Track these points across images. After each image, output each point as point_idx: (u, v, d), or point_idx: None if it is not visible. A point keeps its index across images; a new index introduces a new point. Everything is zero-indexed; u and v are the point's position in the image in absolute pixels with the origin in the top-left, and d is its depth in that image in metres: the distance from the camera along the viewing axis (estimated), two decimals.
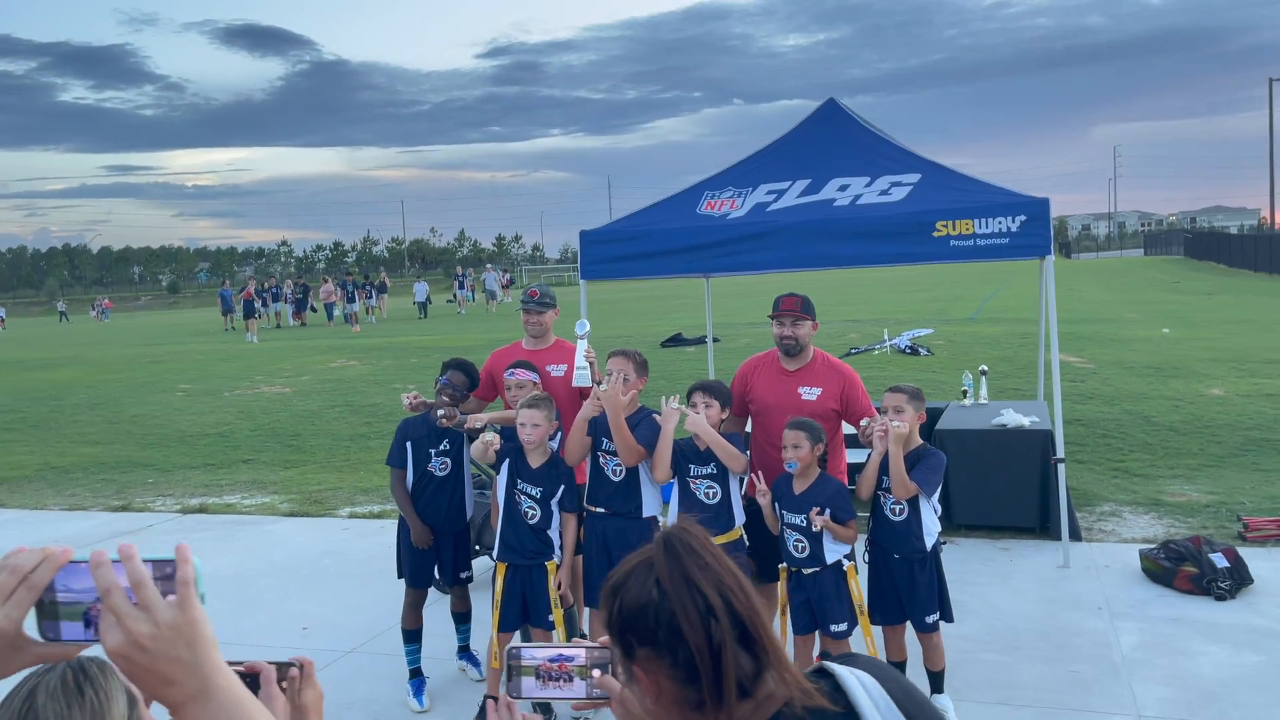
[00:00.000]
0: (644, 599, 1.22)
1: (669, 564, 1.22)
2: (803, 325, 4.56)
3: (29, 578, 0.95)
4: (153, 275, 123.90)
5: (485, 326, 25.68)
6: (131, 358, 21.66)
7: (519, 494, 4.41)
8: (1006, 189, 6.35)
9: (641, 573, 1.25)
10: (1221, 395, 11.22)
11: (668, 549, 1.24)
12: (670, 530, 1.27)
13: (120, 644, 0.89)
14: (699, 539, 1.25)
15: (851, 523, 4.10)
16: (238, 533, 8.04)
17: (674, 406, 4.26)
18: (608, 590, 1.28)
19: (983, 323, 19.71)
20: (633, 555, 1.29)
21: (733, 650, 1.18)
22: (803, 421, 4.12)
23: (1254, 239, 46.42)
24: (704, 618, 1.18)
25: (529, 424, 4.33)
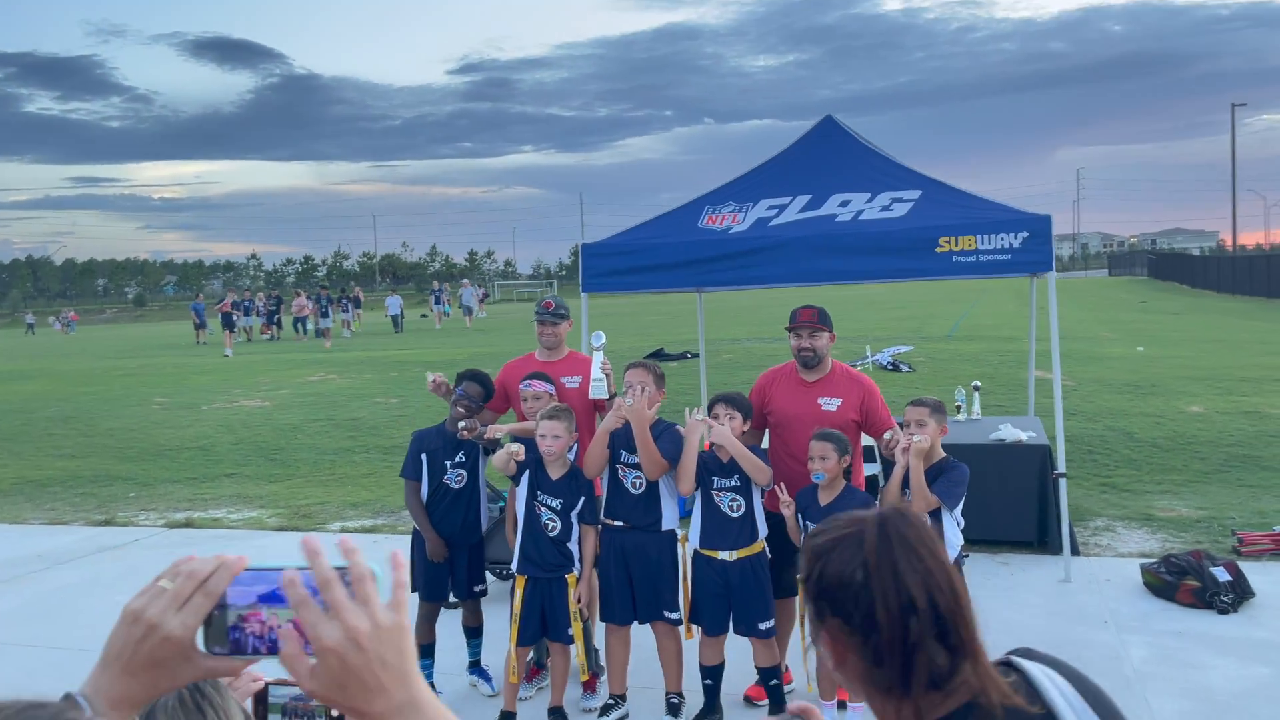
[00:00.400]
0: (847, 576, 1.20)
1: (880, 550, 1.20)
2: (820, 337, 4.58)
3: (205, 584, 0.91)
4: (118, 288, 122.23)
5: (463, 341, 25.56)
6: (102, 370, 21.31)
7: (539, 506, 4.38)
8: (1008, 206, 6.43)
9: (850, 547, 1.22)
10: (1201, 412, 11.39)
11: (882, 533, 1.21)
12: (889, 513, 1.23)
13: (339, 641, 0.84)
14: (916, 528, 1.22)
15: None
16: (227, 547, 7.86)
17: (698, 418, 4.25)
18: (812, 548, 1.26)
19: (960, 340, 19.90)
20: (844, 519, 1.26)
21: (929, 648, 1.15)
22: (830, 433, 4.13)
23: (1216, 260, 47.36)
24: (904, 614, 1.16)
25: (549, 435, 4.30)
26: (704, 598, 4.35)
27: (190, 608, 0.90)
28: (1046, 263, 6.14)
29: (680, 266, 6.83)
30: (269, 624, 0.90)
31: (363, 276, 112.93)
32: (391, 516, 8.76)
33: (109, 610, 6.38)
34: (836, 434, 4.15)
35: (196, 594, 0.91)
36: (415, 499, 4.81)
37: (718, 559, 4.30)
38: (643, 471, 4.32)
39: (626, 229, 7.32)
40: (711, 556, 4.31)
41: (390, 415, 13.48)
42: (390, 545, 7.79)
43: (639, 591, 4.44)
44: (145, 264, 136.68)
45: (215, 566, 0.92)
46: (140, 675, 0.91)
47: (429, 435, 4.90)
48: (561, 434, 4.32)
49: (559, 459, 4.38)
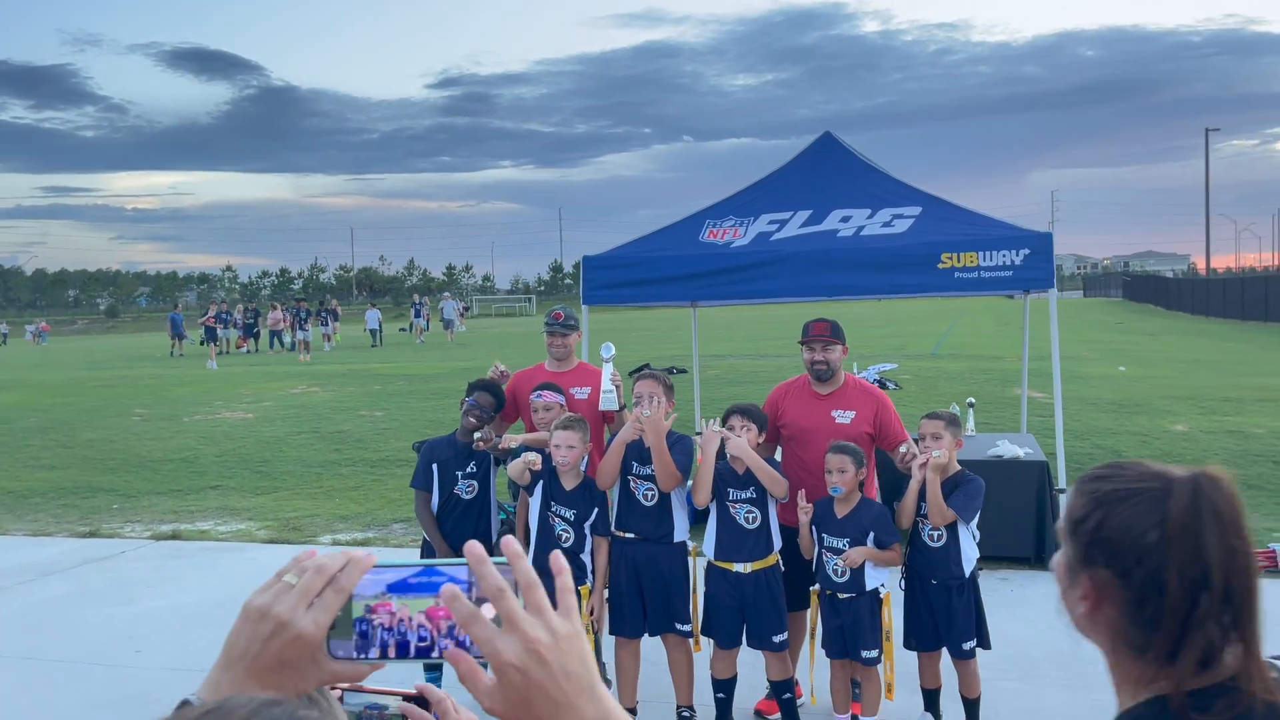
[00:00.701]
0: (1136, 534, 1.12)
1: (1186, 519, 1.11)
2: (834, 350, 4.58)
3: (336, 578, 0.85)
4: (90, 299, 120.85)
5: (444, 355, 25.43)
6: (79, 381, 21.01)
7: (553, 517, 4.35)
8: (1009, 223, 6.48)
9: (1145, 504, 1.13)
10: (1186, 431, 11.51)
11: (1194, 500, 1.12)
12: (1203, 478, 1.13)
13: (519, 655, 0.78)
14: (1229, 499, 1.13)
15: (895, 546, 4.10)
16: (217, 560, 7.79)
17: (715, 429, 4.23)
18: (1094, 493, 1.17)
19: (944, 358, 20.03)
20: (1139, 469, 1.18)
21: (1210, 627, 1.09)
22: (846, 445, 4.12)
23: (1190, 283, 48.02)
24: (1196, 588, 1.09)
25: (564, 445, 4.27)
26: (717, 610, 4.32)
27: (321, 604, 0.85)
28: (1048, 279, 6.19)
29: (681, 280, 6.83)
30: (399, 615, 0.85)
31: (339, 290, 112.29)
32: (382, 530, 8.67)
33: (99, 622, 6.29)
34: (852, 446, 4.14)
35: (327, 590, 0.85)
36: (426, 509, 4.75)
37: (732, 571, 4.27)
38: (657, 483, 4.29)
39: (627, 241, 7.32)
40: (726, 569, 4.29)
41: (375, 428, 13.37)
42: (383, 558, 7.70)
43: (650, 604, 4.41)
44: (118, 275, 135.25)
45: (344, 562, 0.87)
46: (268, 676, 0.86)
47: (439, 445, 4.85)
48: (576, 444, 4.30)
49: (573, 469, 4.35)
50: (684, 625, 4.42)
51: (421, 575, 0.86)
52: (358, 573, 0.86)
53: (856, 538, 4.10)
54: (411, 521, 8.64)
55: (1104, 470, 1.21)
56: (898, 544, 4.13)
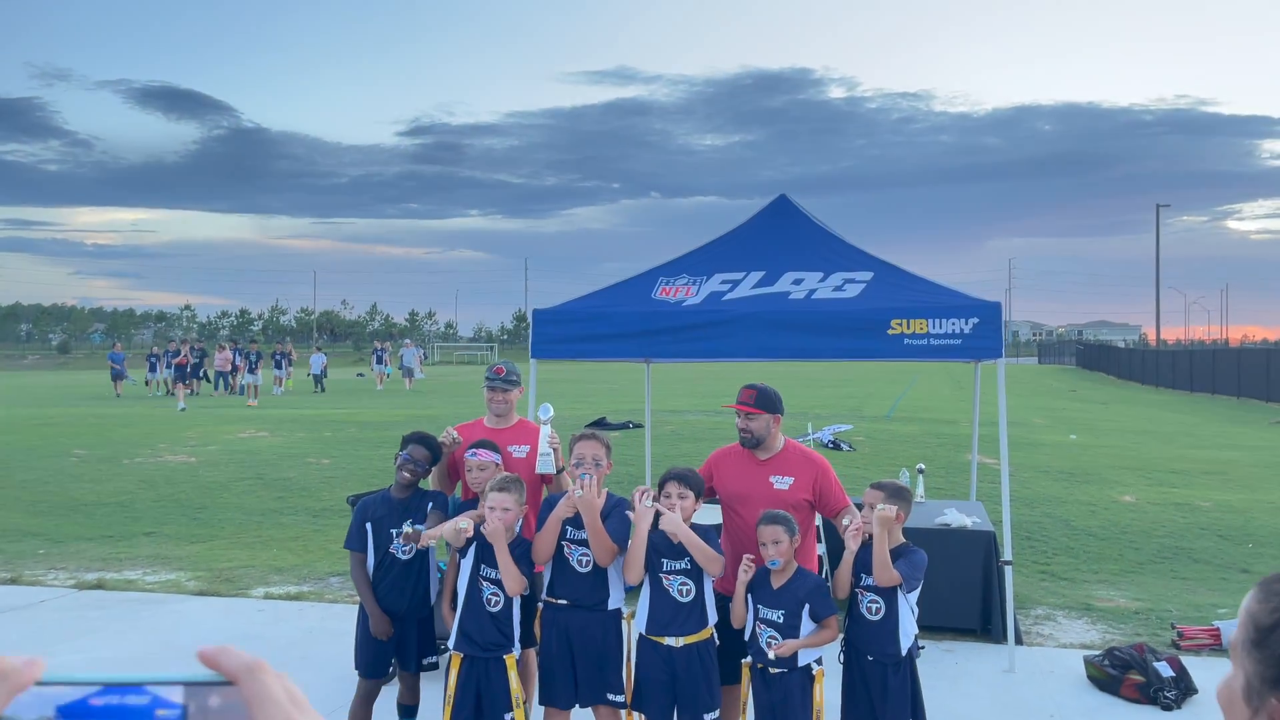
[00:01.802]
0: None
1: None
2: (756, 419, 4.49)
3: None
4: (42, 333, 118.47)
5: (402, 402, 25.10)
6: (18, 419, 20.42)
7: (482, 580, 4.18)
8: (958, 291, 6.50)
9: None
10: (1133, 503, 11.57)
11: None
12: None
13: None
14: None
15: (832, 620, 3.98)
16: (140, 612, 7.47)
17: (647, 504, 4.11)
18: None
19: (898, 421, 20.10)
20: None
21: None
22: (777, 515, 4.03)
23: (1140, 353, 48.98)
24: None
25: (499, 508, 4.12)
26: (648, 683, 4.16)
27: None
28: (996, 349, 6.19)
29: (632, 336, 6.76)
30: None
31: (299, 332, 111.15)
32: (318, 583, 8.40)
33: None
34: (783, 515, 4.05)
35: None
36: (360, 571, 4.56)
37: (663, 644, 4.13)
38: (595, 558, 4.16)
39: (579, 296, 7.24)
40: (657, 642, 4.14)
41: (322, 476, 13.08)
42: (316, 614, 7.45)
43: (581, 673, 4.25)
44: (73, 310, 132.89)
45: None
46: None
47: (374, 503, 4.65)
48: (511, 506, 4.15)
49: (507, 533, 4.20)
50: (616, 696, 4.26)
51: (109, 694, 0.63)
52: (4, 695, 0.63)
53: (792, 609, 3.98)
54: (348, 575, 8.39)
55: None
56: (835, 617, 4.01)
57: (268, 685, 0.64)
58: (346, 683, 5.77)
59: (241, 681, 0.64)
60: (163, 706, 0.62)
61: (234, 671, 0.64)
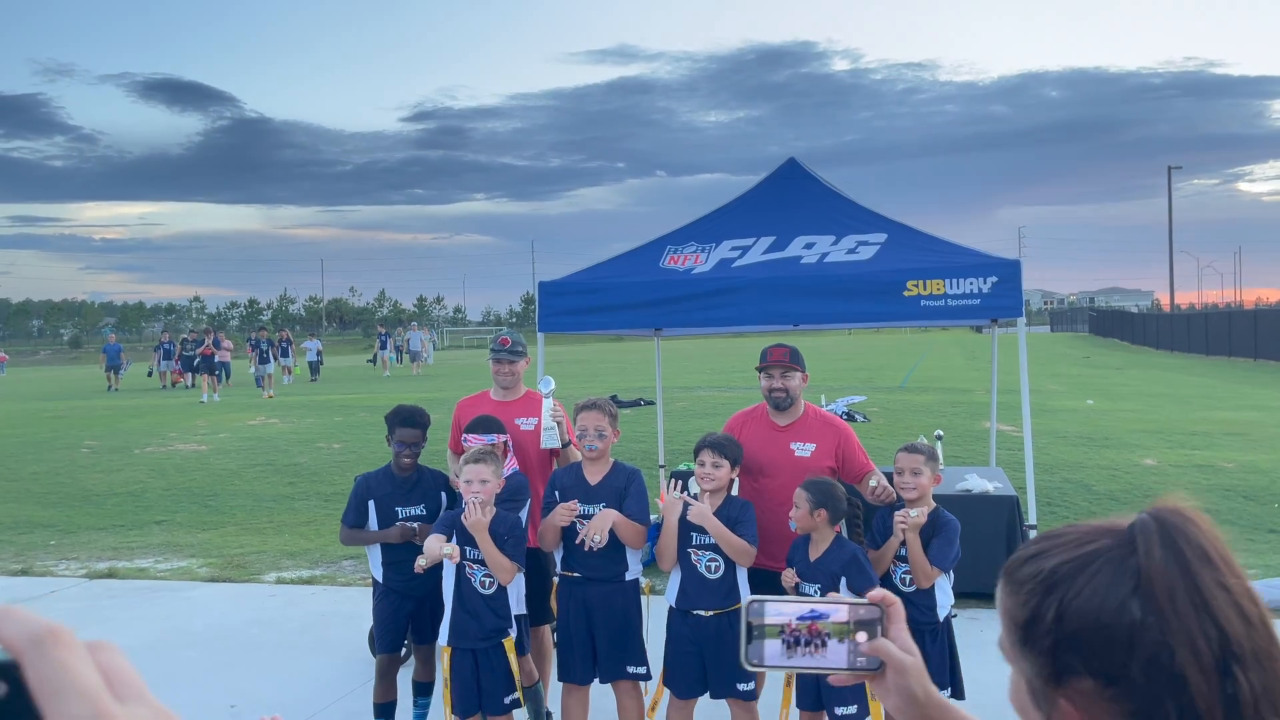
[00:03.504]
0: (1112, 612, 0.82)
1: (1172, 571, 0.82)
2: (793, 377, 4.35)
3: None
4: (54, 329, 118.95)
5: (410, 386, 25.02)
6: (30, 412, 20.43)
7: (469, 565, 3.97)
8: (976, 250, 6.32)
9: (1106, 569, 0.84)
10: (1155, 465, 11.39)
11: (1166, 545, 0.83)
12: (1165, 514, 0.86)
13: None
14: (1208, 535, 0.86)
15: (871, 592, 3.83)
16: (152, 600, 7.39)
17: (675, 495, 3.96)
18: (1036, 576, 0.87)
19: (912, 391, 19.93)
20: (1076, 531, 0.88)
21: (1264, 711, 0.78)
22: (809, 482, 3.87)
23: (1155, 318, 48.58)
24: (1224, 664, 0.79)
25: (476, 480, 3.91)
26: (677, 656, 4.02)
27: None
28: (1016, 308, 6.01)
29: (641, 307, 6.59)
30: None
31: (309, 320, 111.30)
32: (330, 567, 8.31)
33: None
34: (811, 482, 3.88)
35: None
36: (352, 531, 4.43)
37: (692, 615, 3.99)
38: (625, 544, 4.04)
39: (585, 267, 7.08)
40: (687, 613, 4.01)
41: (333, 461, 12.99)
42: (329, 598, 7.35)
43: (601, 647, 4.12)
44: (83, 305, 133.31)
45: None
46: None
47: (376, 479, 4.52)
48: (490, 478, 3.93)
49: (486, 506, 3.96)
50: (638, 667, 4.14)
51: None
52: None
53: (828, 582, 3.82)
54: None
55: (1032, 547, 0.90)
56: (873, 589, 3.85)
57: (63, 663, 0.46)
58: (362, 665, 5.68)
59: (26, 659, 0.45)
60: None
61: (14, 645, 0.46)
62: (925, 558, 3.82)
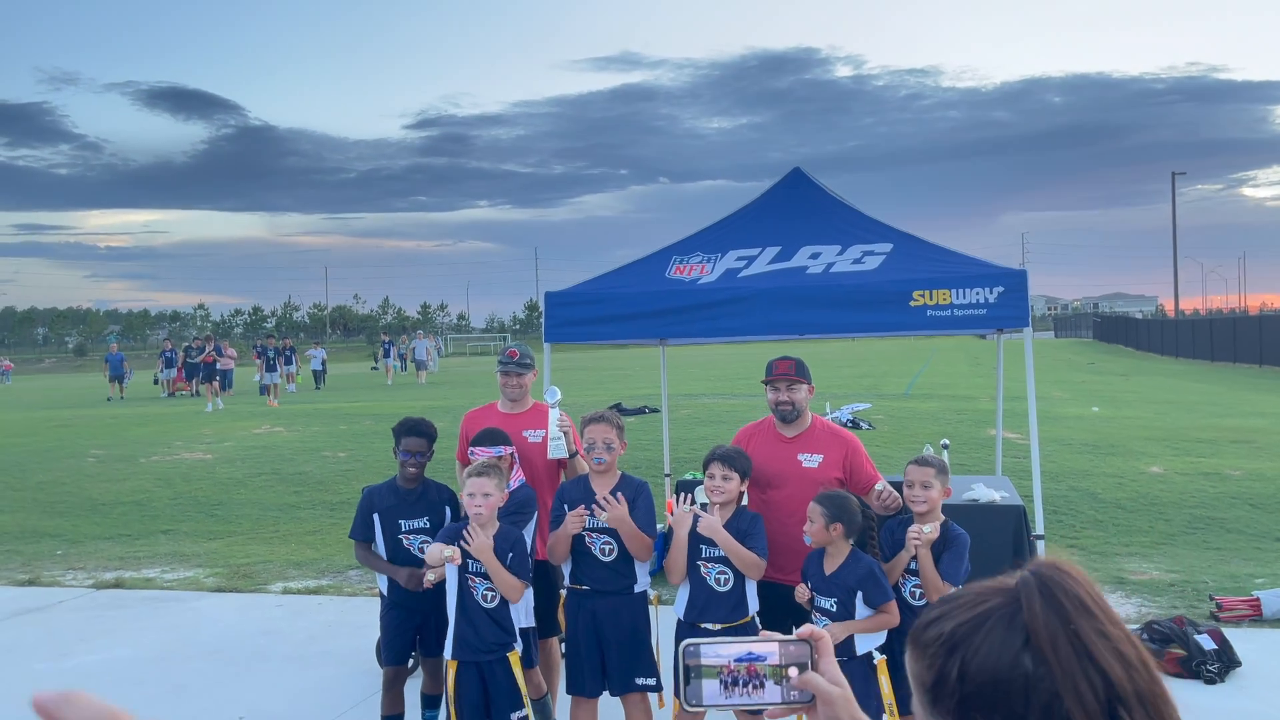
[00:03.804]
0: (1007, 667, 0.88)
1: (1053, 623, 0.89)
2: (799, 389, 4.36)
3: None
4: (59, 337, 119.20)
5: (416, 394, 25.04)
6: (35, 421, 20.47)
7: (473, 579, 3.97)
8: (982, 260, 6.32)
9: (999, 626, 0.91)
10: (1161, 473, 11.36)
11: (1046, 598, 0.91)
12: (1043, 569, 0.93)
13: None
14: (1085, 586, 0.93)
15: (889, 605, 3.81)
16: (159, 610, 7.40)
17: (685, 509, 3.96)
18: (940, 637, 0.93)
19: (916, 398, 19.91)
20: (972, 591, 0.94)
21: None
22: (823, 496, 3.87)
23: (1159, 324, 48.49)
24: (1108, 708, 0.86)
25: (479, 494, 3.91)
26: None
27: None
28: (1022, 318, 6.02)
29: (647, 317, 6.60)
30: None
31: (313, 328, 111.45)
32: (337, 577, 8.32)
33: (25, 679, 5.88)
34: (825, 495, 3.88)
35: None
36: (365, 552, 4.44)
37: (700, 628, 3.99)
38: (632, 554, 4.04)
39: (591, 278, 7.10)
40: (695, 626, 4.01)
41: (338, 470, 13.01)
42: (336, 608, 7.36)
43: (610, 660, 4.12)
44: (88, 313, 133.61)
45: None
46: None
47: (380, 493, 4.52)
48: (492, 491, 3.93)
49: (489, 520, 3.97)
50: (647, 679, 4.13)
51: None
52: None
53: (844, 597, 3.81)
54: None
55: (934, 611, 0.98)
56: (893, 602, 3.83)
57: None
58: (369, 676, 5.68)
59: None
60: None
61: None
62: (938, 573, 3.82)
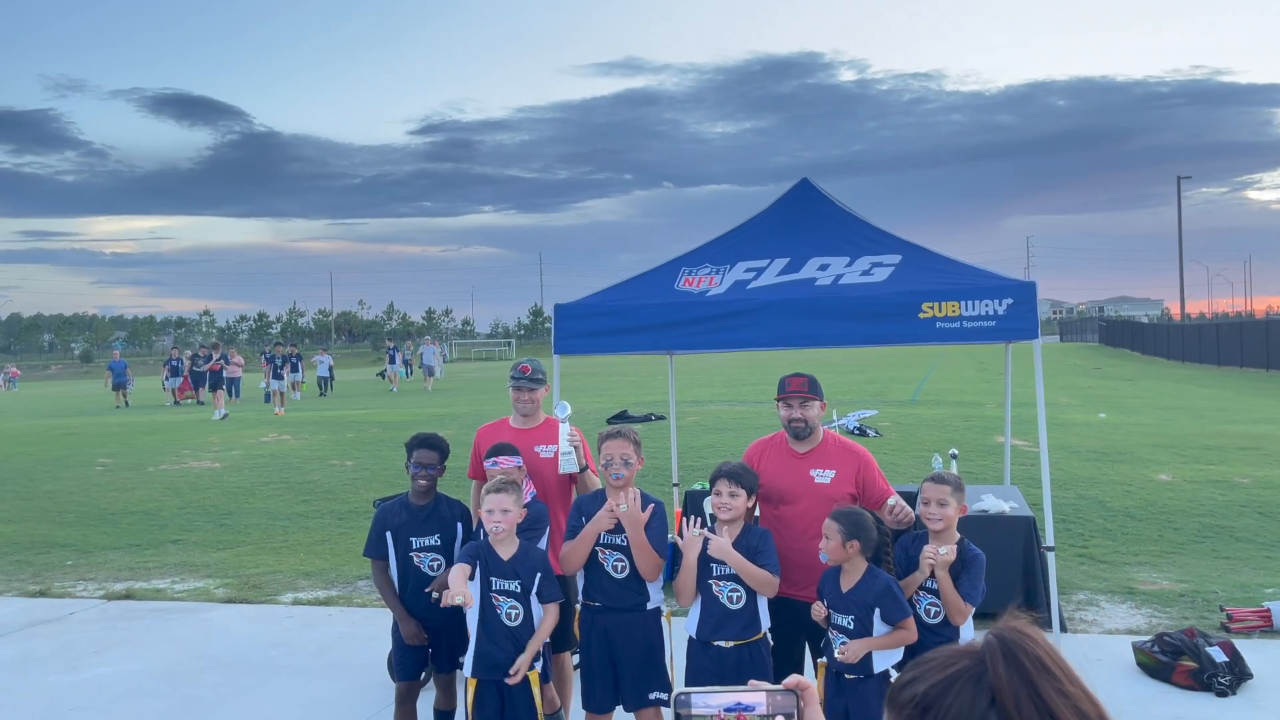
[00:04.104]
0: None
1: (1015, 682, 0.97)
2: (811, 406, 4.37)
3: None
4: (65, 343, 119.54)
5: (421, 401, 25.07)
6: (43, 429, 20.53)
7: (495, 596, 3.98)
8: (991, 272, 6.33)
9: (967, 688, 0.99)
10: (1169, 481, 11.35)
11: (1008, 660, 0.98)
12: (1006, 632, 1.01)
13: None
14: (1044, 647, 1.00)
15: (907, 621, 3.81)
16: (169, 622, 7.42)
17: (694, 532, 3.97)
18: (912, 701, 1.01)
19: (923, 405, 19.89)
20: (941, 655, 1.02)
21: None
22: (838, 513, 3.87)
23: (1165, 328, 48.39)
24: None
25: (497, 510, 3.93)
26: (698, 685, 4.02)
27: None
28: (1032, 330, 6.02)
29: (656, 329, 6.62)
30: None
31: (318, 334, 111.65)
32: (347, 588, 8.33)
33: (38, 692, 5.91)
34: (841, 513, 3.88)
35: None
36: (383, 578, 4.45)
37: (713, 645, 4.00)
38: (640, 572, 4.04)
39: (600, 290, 7.11)
40: (708, 643, 4.02)
41: (346, 479, 13.03)
42: (346, 620, 7.37)
43: (623, 676, 4.13)
44: (94, 319, 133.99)
45: None
46: None
47: (393, 510, 4.53)
48: (511, 508, 3.95)
49: (508, 536, 4.00)
50: (661, 694, 4.15)
51: None
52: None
53: (862, 614, 3.82)
54: None
55: (908, 674, 1.05)
56: (909, 619, 3.84)
57: None
58: (381, 689, 5.69)
59: None
60: None
61: None
62: (958, 594, 3.83)
